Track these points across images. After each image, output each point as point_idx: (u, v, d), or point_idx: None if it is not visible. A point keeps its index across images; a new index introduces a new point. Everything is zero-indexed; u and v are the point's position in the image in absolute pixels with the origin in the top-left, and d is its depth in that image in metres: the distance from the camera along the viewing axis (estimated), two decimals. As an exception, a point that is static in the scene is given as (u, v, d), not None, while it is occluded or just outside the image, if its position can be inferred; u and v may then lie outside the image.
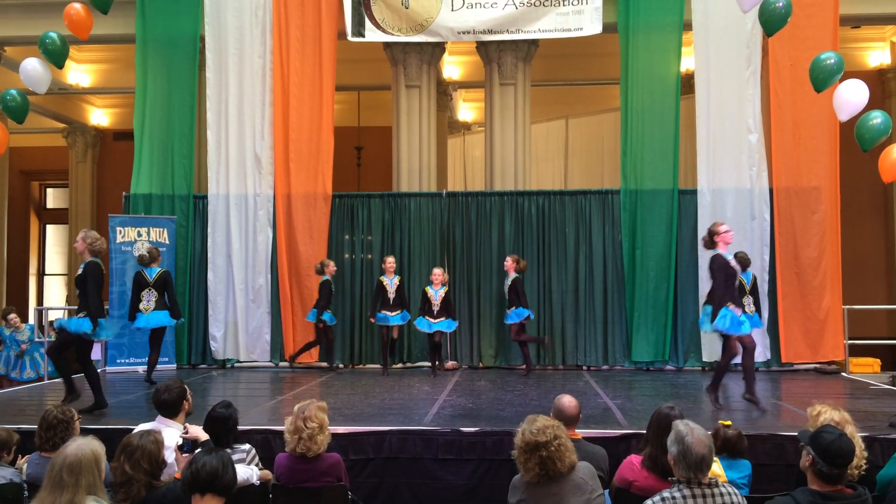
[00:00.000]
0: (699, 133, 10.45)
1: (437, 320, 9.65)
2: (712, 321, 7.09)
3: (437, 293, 9.70)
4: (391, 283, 9.84)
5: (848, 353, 10.18)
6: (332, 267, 10.17)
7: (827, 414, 4.17)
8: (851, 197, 11.57)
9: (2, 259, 14.18)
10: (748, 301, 8.59)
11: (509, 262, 9.92)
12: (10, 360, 11.31)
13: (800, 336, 10.16)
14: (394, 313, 9.78)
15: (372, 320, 9.96)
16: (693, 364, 10.40)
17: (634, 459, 4.17)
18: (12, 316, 11.54)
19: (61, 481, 3.07)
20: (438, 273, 9.79)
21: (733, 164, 10.35)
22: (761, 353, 10.17)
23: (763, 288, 10.16)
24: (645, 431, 4.33)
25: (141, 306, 8.88)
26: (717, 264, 7.09)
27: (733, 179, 10.33)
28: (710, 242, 7.24)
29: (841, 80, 6.99)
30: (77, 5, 8.37)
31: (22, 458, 4.84)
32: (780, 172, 10.27)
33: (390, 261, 9.97)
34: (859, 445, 3.97)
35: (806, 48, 9.72)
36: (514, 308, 9.77)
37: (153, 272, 8.98)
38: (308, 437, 4.32)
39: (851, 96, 6.87)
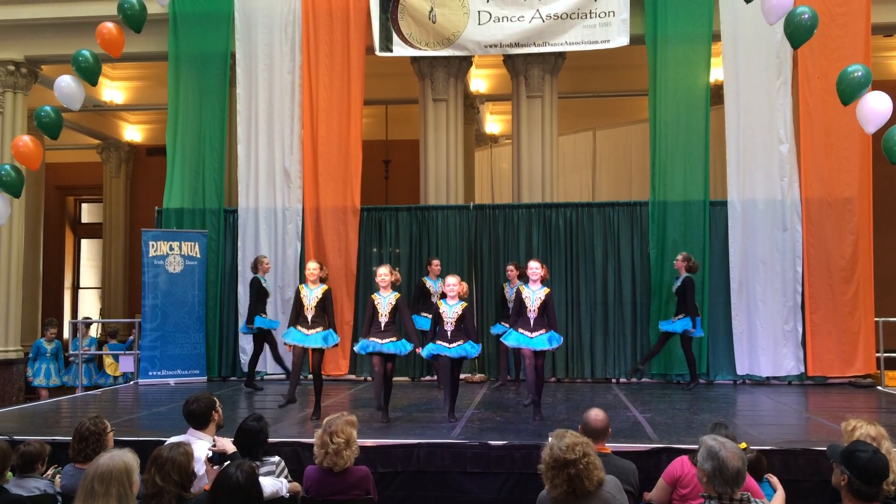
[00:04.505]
0: (729, 144, 10.37)
1: (451, 345, 7.19)
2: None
3: (451, 308, 7.26)
4: (384, 301, 7.42)
5: (883, 366, 10.00)
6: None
7: (863, 429, 4.10)
8: (884, 207, 11.37)
9: (38, 272, 14.43)
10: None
11: (678, 261, 9.49)
12: (51, 372, 11.67)
13: (832, 349, 9.97)
14: (384, 340, 7.32)
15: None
16: (725, 377, 10.25)
17: (686, 458, 4.22)
18: (52, 330, 11.90)
19: (92, 491, 3.12)
20: (453, 283, 7.33)
21: (764, 175, 10.24)
22: (794, 367, 10.04)
23: (796, 300, 10.07)
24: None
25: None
26: None
27: (764, 190, 10.22)
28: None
29: (871, 91, 6.89)
30: (110, 24, 8.52)
31: (52, 469, 4.92)
32: (812, 183, 10.14)
33: (382, 272, 7.48)
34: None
35: (837, 57, 9.62)
36: (681, 316, 9.33)
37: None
38: (334, 451, 4.35)
39: (876, 107, 6.77)
